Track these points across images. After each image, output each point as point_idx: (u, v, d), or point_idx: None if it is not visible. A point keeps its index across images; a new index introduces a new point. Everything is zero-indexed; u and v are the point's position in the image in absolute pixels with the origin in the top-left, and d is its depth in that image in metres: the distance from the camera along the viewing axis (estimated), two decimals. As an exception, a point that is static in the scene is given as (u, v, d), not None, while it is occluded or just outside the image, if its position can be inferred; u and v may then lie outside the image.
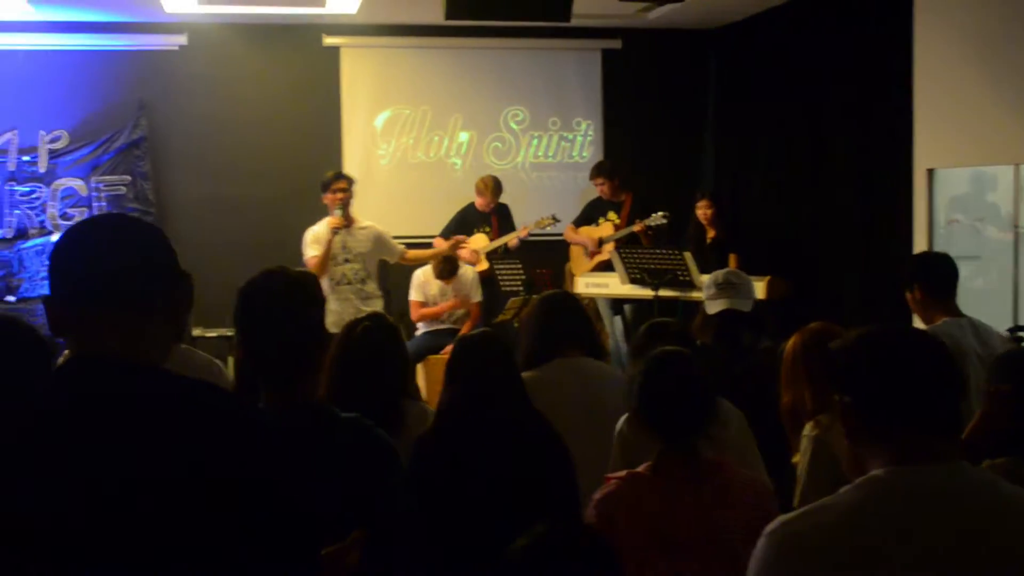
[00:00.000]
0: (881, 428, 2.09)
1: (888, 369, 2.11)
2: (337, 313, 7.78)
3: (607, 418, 4.31)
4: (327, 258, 8.04)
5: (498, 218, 9.72)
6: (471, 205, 9.75)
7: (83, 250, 1.91)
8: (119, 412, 1.77)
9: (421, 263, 8.95)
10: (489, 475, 3.46)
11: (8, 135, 10.05)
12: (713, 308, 5.07)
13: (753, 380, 4.54)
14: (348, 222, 8.18)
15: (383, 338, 3.94)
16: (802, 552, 2.01)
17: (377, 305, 8.05)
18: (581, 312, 4.85)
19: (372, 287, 8.20)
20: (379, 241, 8.33)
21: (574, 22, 8.48)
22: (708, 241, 9.37)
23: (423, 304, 8.96)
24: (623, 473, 3.12)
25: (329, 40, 10.65)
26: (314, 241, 8.21)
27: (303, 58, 10.70)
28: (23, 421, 1.81)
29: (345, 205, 8.16)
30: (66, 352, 2.34)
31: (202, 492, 1.72)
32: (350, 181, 8.28)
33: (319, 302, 2.81)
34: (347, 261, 8.08)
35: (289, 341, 2.66)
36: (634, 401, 3.22)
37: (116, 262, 1.90)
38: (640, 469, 3.12)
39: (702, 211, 9.42)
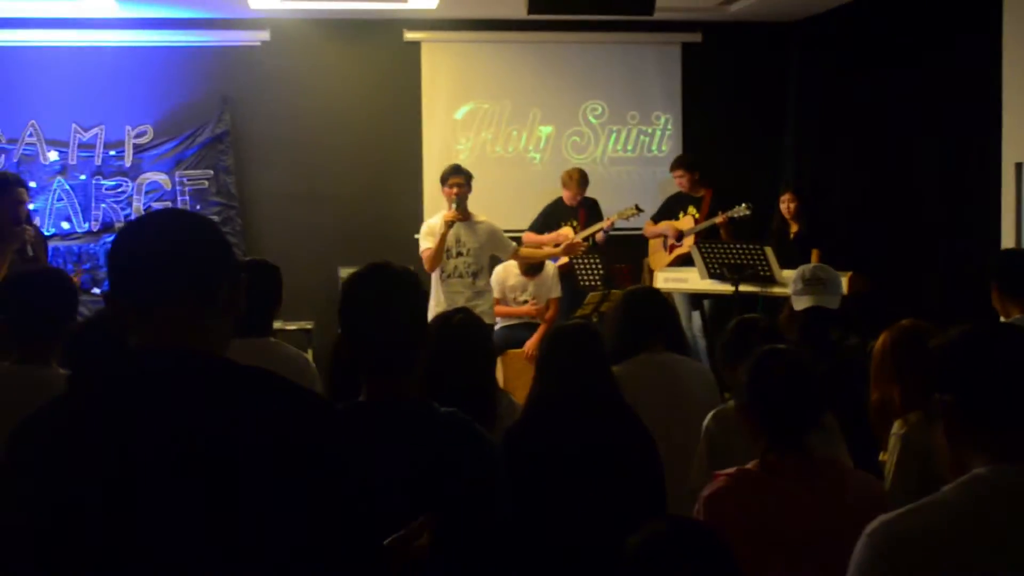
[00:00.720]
0: (985, 427, 2.07)
1: (994, 368, 2.08)
2: (447, 306, 7.59)
3: (691, 414, 4.31)
4: (440, 251, 7.91)
5: (585, 212, 9.70)
6: (559, 199, 9.74)
7: (139, 246, 1.94)
8: (180, 397, 1.80)
9: (532, 262, 8.84)
10: (579, 469, 3.46)
11: (95, 130, 10.23)
12: (800, 304, 5.02)
13: (840, 378, 4.49)
14: (465, 216, 8.10)
15: (477, 330, 3.96)
16: (905, 552, 1.99)
17: (488, 300, 8.00)
18: (666, 306, 4.83)
19: (483, 282, 8.10)
20: (493, 237, 8.19)
21: (654, 15, 8.45)
22: (791, 236, 9.28)
23: (499, 301, 8.92)
24: (732, 470, 3.09)
25: (410, 35, 10.70)
26: (428, 233, 8.09)
27: (384, 53, 10.75)
28: (86, 406, 1.85)
29: (460, 200, 8.06)
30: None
31: (268, 481, 1.74)
32: (467, 176, 8.17)
33: (423, 297, 2.83)
34: (459, 255, 7.99)
35: (393, 336, 2.68)
36: (743, 398, 3.20)
37: (172, 257, 1.92)
38: (750, 466, 3.09)
39: (785, 205, 9.33)
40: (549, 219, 9.69)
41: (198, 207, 10.24)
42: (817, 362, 4.33)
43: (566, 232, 9.51)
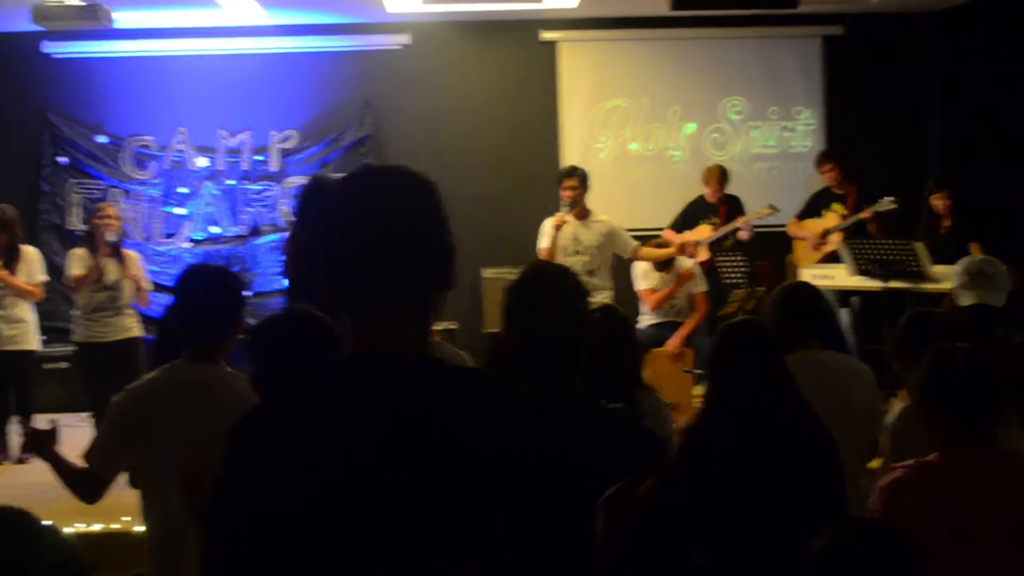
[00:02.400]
0: None
1: None
2: None
3: (852, 413, 4.22)
4: (555, 251, 8.08)
5: (727, 208, 9.60)
6: (701, 197, 9.67)
7: (358, 238, 1.84)
8: (403, 401, 1.78)
9: (653, 261, 8.83)
10: (758, 468, 3.41)
11: (242, 136, 10.47)
12: (965, 300, 4.87)
13: (1007, 375, 4.36)
14: (583, 215, 8.19)
15: (616, 329, 3.94)
16: None
17: (604, 297, 8.02)
18: (823, 303, 4.74)
19: (598, 280, 8.14)
20: (612, 236, 8.25)
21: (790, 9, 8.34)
22: (942, 231, 9.05)
23: (655, 289, 8.89)
24: (911, 462, 3.04)
25: (546, 35, 10.72)
26: (544, 233, 8.29)
27: (521, 53, 10.80)
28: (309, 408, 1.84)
29: (573, 201, 8.16)
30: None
31: (478, 478, 1.73)
32: (581, 177, 8.26)
33: (586, 296, 2.83)
34: (577, 253, 8.08)
35: (563, 336, 2.68)
36: (924, 393, 3.14)
37: (404, 268, 1.84)
38: (930, 458, 3.03)
39: (939, 200, 9.08)
40: (689, 217, 9.63)
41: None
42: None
43: (701, 230, 9.44)
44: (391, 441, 1.74)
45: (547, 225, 8.33)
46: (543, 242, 8.25)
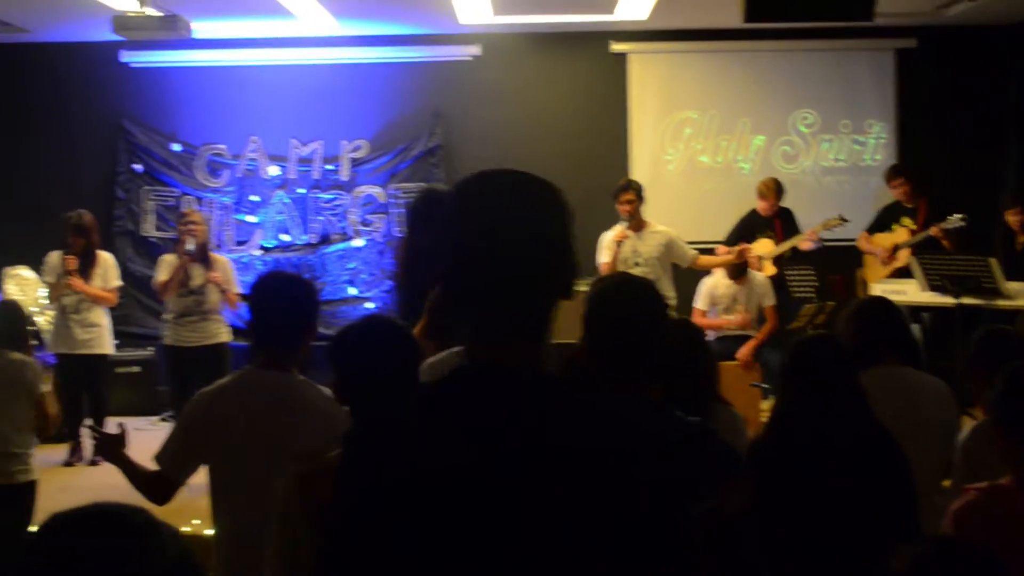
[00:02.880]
0: None
1: None
2: None
3: (928, 430, 4.17)
4: (615, 264, 8.12)
5: (781, 222, 9.55)
6: (754, 211, 9.62)
7: (476, 246, 1.80)
8: (521, 414, 1.76)
9: (710, 267, 8.86)
10: (829, 485, 3.38)
11: (314, 145, 10.57)
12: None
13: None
14: (640, 227, 8.23)
15: (693, 342, 3.92)
16: None
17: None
18: (901, 318, 4.68)
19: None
20: (670, 246, 8.34)
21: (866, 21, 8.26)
22: (1018, 247, 8.91)
23: (706, 313, 8.86)
24: (984, 485, 2.99)
25: (616, 46, 10.73)
26: (605, 246, 8.33)
27: (591, 65, 10.81)
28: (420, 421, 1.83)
29: (632, 215, 8.21)
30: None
31: (596, 493, 1.73)
32: (637, 190, 8.31)
33: (665, 309, 2.83)
34: (637, 265, 8.13)
35: (638, 345, 2.69)
36: (997, 413, 3.08)
37: (512, 262, 1.78)
38: (1003, 481, 2.98)
39: (1014, 216, 8.93)
40: (744, 231, 9.55)
41: (411, 219, 10.47)
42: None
43: (760, 244, 9.38)
44: (503, 454, 1.73)
45: (606, 239, 8.38)
46: (603, 256, 8.30)
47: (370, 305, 10.51)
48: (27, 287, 9.67)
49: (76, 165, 10.76)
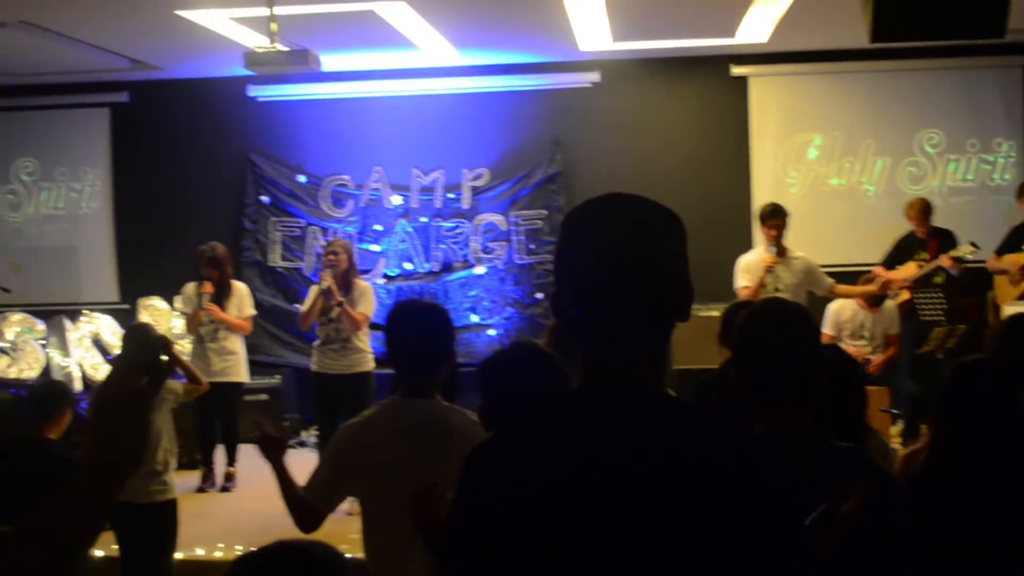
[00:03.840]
0: None
1: None
2: None
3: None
4: (758, 290, 7.97)
5: (937, 243, 9.28)
6: (911, 232, 9.39)
7: (602, 266, 1.81)
8: (643, 436, 1.77)
9: (848, 296, 8.67)
10: (998, 512, 3.30)
11: (435, 174, 10.69)
12: None
13: None
14: (782, 252, 8.11)
15: (845, 368, 3.87)
16: None
17: None
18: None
19: None
20: (810, 273, 8.20)
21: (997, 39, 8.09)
22: None
23: (833, 339, 8.71)
24: None
25: (737, 70, 10.67)
26: (745, 271, 8.19)
27: (711, 89, 10.77)
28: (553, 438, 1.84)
29: (778, 240, 8.08)
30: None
31: (729, 513, 1.73)
32: (784, 215, 8.16)
33: (816, 331, 2.81)
34: (777, 291, 7.97)
35: (794, 372, 2.67)
36: None
37: (635, 284, 1.80)
38: None
39: None
40: (901, 252, 9.34)
41: (532, 246, 10.52)
42: None
43: (908, 268, 9.18)
44: (625, 476, 1.73)
45: (745, 263, 8.22)
46: (743, 280, 8.14)
47: (491, 332, 10.57)
48: (160, 317, 9.92)
49: (205, 198, 11.03)
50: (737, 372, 2.80)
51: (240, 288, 8.68)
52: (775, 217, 8.15)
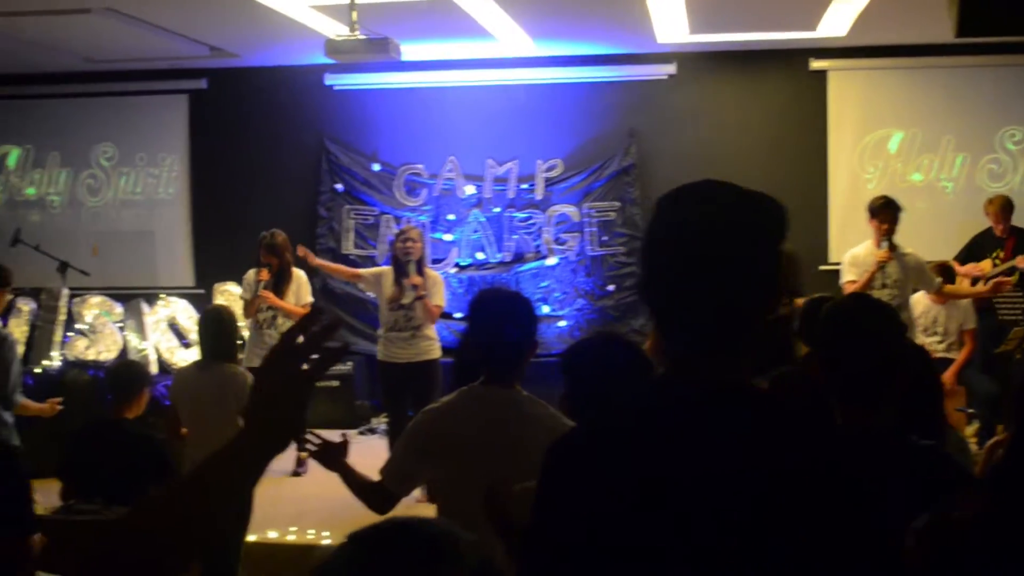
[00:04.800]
0: None
1: None
2: None
3: None
4: (866, 286, 7.76)
5: (1015, 241, 9.10)
6: (988, 229, 9.25)
7: (678, 258, 1.82)
8: (724, 429, 1.77)
9: (957, 298, 8.49)
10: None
11: (509, 165, 10.69)
12: None
13: None
14: (892, 248, 7.89)
15: (927, 365, 3.82)
16: None
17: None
18: None
19: (905, 315, 7.80)
20: (919, 270, 7.96)
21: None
22: None
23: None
24: None
25: (816, 64, 10.56)
26: (852, 264, 7.95)
27: (788, 83, 10.67)
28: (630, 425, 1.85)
29: (890, 234, 7.85)
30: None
31: (789, 504, 1.71)
32: (897, 209, 7.94)
33: (904, 330, 2.78)
34: (884, 287, 7.77)
35: (879, 368, 2.64)
36: None
37: (713, 276, 1.79)
38: None
39: None
40: (973, 249, 9.19)
41: (605, 238, 10.50)
42: None
43: (983, 265, 9.04)
44: (708, 470, 1.73)
45: (853, 257, 8.00)
46: (851, 275, 7.86)
47: (562, 323, 10.56)
48: (235, 303, 10.01)
49: (281, 185, 11.13)
50: (820, 366, 2.78)
51: (299, 276, 8.70)
52: (887, 210, 7.89)
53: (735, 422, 1.77)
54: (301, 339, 1.59)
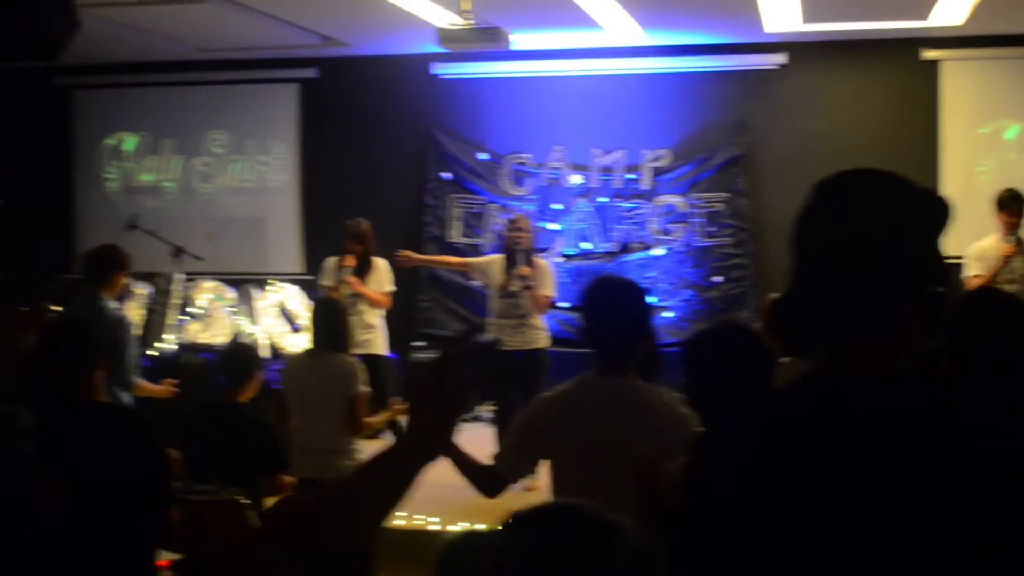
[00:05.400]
0: None
1: None
2: None
3: None
4: (991, 280, 7.55)
5: None
6: None
7: (824, 249, 1.79)
8: (871, 419, 1.73)
9: None
10: None
11: (616, 154, 10.67)
12: None
13: None
14: (1018, 242, 7.68)
15: None
16: None
17: None
18: None
19: None
20: None
21: None
22: None
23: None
24: None
25: (928, 53, 10.36)
26: (979, 259, 7.77)
27: (900, 73, 10.50)
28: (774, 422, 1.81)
29: (1016, 228, 7.65)
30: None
31: (955, 503, 1.68)
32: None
33: None
34: (1011, 282, 7.59)
35: (1004, 357, 2.61)
36: None
37: (861, 266, 1.75)
38: None
39: None
40: None
41: (712, 229, 10.43)
42: None
43: None
44: (862, 463, 1.70)
45: (979, 251, 7.82)
46: (976, 269, 7.69)
47: (668, 314, 10.50)
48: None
49: (388, 173, 11.22)
50: (949, 359, 2.74)
51: (380, 264, 8.78)
52: (1015, 203, 7.72)
53: (897, 417, 1.73)
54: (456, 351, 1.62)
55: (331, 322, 6.36)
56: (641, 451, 3.25)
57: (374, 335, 8.75)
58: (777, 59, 10.49)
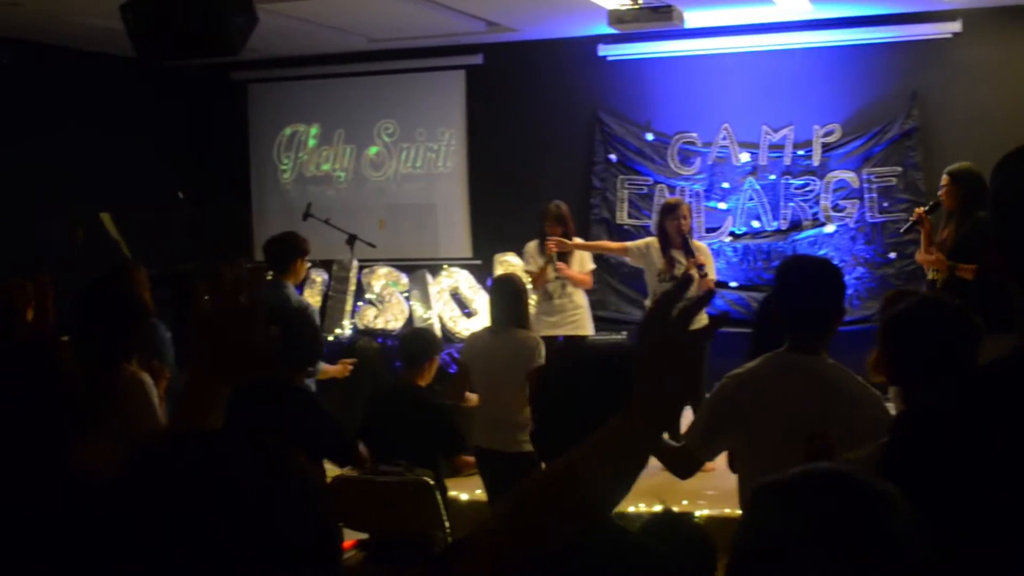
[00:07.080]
0: None
1: None
2: None
3: None
4: None
5: None
6: None
7: None
8: None
9: None
10: None
11: (785, 131, 10.51)
12: None
13: None
14: None
15: None
16: None
17: None
18: None
19: None
20: None
21: None
22: None
23: None
24: None
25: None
26: None
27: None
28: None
29: None
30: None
31: None
32: None
33: None
34: None
35: None
36: None
37: None
38: None
39: None
40: None
41: (885, 204, 10.20)
42: None
43: None
44: None
45: None
46: None
47: (841, 292, 10.29)
48: (518, 273, 10.24)
49: (555, 156, 11.27)
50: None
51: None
52: None
53: None
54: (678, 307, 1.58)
55: (510, 300, 6.45)
56: (826, 433, 3.22)
57: (581, 315, 8.84)
58: (951, 27, 10.16)
